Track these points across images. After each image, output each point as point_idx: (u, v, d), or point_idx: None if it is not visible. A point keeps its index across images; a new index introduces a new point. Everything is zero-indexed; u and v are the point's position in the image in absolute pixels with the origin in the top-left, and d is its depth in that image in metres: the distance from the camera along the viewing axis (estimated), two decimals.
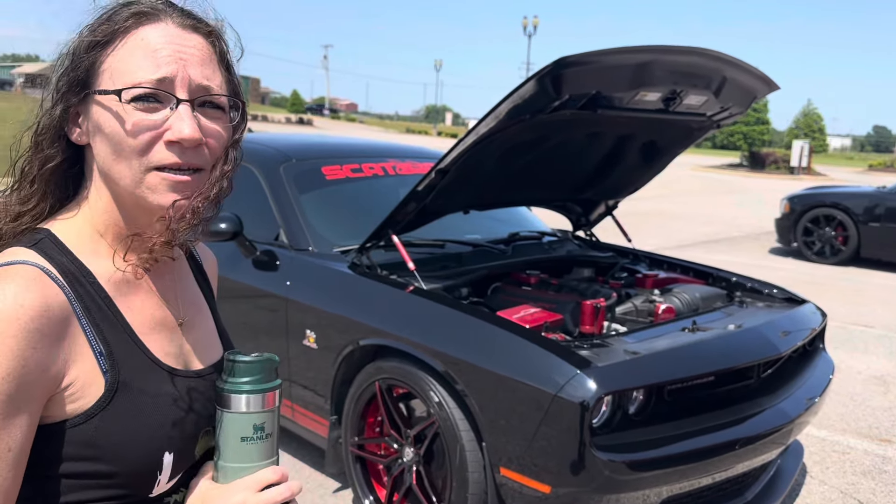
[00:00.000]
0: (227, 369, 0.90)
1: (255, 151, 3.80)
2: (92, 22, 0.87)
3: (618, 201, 4.06)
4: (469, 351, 2.50)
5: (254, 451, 0.89)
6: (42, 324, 0.77)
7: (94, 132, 0.87)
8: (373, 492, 2.93)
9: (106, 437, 0.82)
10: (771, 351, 2.77)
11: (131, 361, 0.86)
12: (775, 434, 2.68)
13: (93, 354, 0.82)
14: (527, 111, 2.57)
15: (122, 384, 0.84)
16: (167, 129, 0.84)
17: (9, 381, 0.74)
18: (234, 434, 0.89)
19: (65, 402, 0.80)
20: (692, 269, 3.85)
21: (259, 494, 0.87)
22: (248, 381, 0.89)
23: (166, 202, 0.86)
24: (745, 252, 10.56)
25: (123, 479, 0.84)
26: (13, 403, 0.75)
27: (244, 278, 3.37)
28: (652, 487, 2.39)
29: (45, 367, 0.77)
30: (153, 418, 0.86)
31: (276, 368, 0.92)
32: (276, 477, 0.89)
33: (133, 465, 0.84)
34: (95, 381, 0.82)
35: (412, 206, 2.92)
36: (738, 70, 2.97)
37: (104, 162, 0.87)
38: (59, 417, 0.81)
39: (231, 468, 0.89)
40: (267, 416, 0.90)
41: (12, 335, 0.75)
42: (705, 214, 15.25)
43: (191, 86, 0.86)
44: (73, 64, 0.86)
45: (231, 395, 0.89)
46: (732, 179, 28.66)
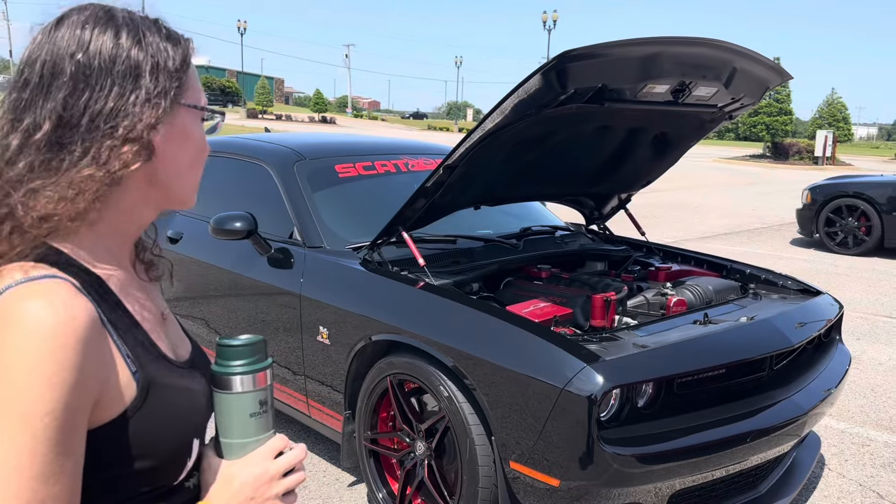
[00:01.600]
0: (223, 354, 0.96)
1: (269, 150, 3.84)
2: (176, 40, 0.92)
3: (631, 194, 4.05)
4: (478, 346, 2.51)
5: (258, 425, 0.96)
6: (91, 333, 0.79)
7: (176, 139, 0.91)
8: (386, 485, 2.96)
9: (144, 435, 0.86)
10: (783, 343, 2.75)
11: (150, 359, 0.89)
12: (788, 426, 2.67)
13: (122, 357, 0.85)
14: (532, 106, 2.58)
15: (151, 382, 0.87)
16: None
17: (73, 394, 0.76)
18: (241, 412, 0.95)
19: (105, 406, 0.82)
20: (706, 262, 3.84)
21: (276, 461, 0.95)
22: (244, 362, 0.95)
23: (195, 201, 0.99)
24: (766, 243, 10.46)
25: (161, 470, 0.89)
26: (78, 415, 0.77)
27: (259, 276, 3.41)
28: (662, 481, 2.39)
29: (95, 376, 0.80)
30: (178, 408, 0.91)
31: (265, 348, 0.99)
32: (284, 444, 0.97)
33: (168, 455, 0.89)
34: (128, 382, 0.85)
35: (421, 203, 2.94)
36: (748, 60, 2.94)
37: (177, 167, 0.92)
38: (99, 422, 0.82)
39: (238, 444, 0.95)
40: (266, 392, 0.97)
41: (71, 347, 0.76)
42: (726, 206, 15.11)
43: None
44: (176, 74, 0.90)
45: (231, 377, 0.95)
46: (755, 170, 28.35)
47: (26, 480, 0.73)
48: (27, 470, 0.73)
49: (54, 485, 0.75)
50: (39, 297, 0.77)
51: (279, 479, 0.95)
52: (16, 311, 0.75)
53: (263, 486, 0.94)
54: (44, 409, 0.74)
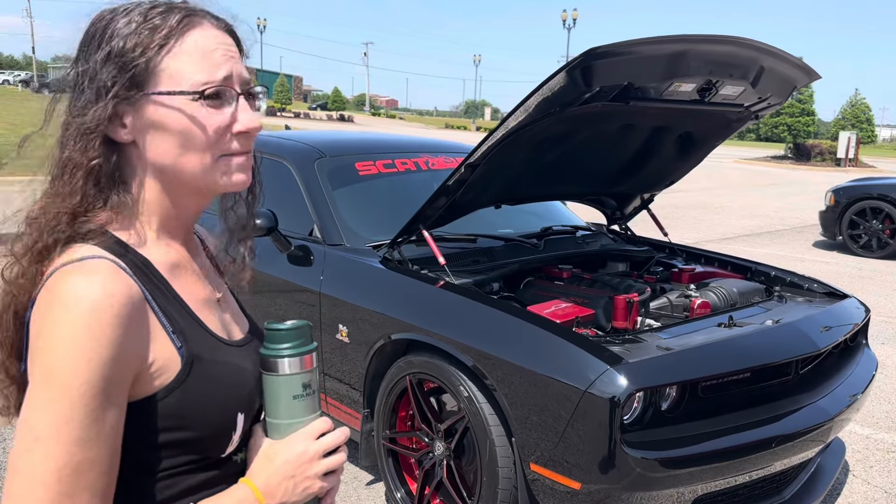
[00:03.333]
0: (271, 337, 0.99)
1: (290, 147, 3.84)
2: (138, 27, 0.92)
3: (653, 195, 4.00)
4: (498, 346, 2.49)
5: (303, 407, 0.98)
6: (130, 310, 0.84)
7: (149, 130, 0.93)
8: (404, 485, 2.94)
9: (188, 407, 0.90)
10: (809, 347, 2.70)
11: (196, 336, 0.94)
12: (814, 432, 2.62)
13: (166, 334, 0.90)
14: (556, 104, 2.55)
15: (196, 357, 0.92)
16: (234, 121, 0.94)
17: (109, 367, 0.81)
18: (286, 394, 0.97)
19: (149, 379, 0.88)
20: (730, 263, 3.78)
21: (317, 441, 0.97)
22: (291, 345, 0.98)
23: (238, 180, 0.97)
24: (789, 245, 10.34)
25: (206, 442, 0.94)
26: (113, 387, 0.82)
27: (279, 273, 3.40)
28: (685, 485, 2.35)
29: (135, 351, 0.85)
30: (224, 384, 0.95)
31: (311, 332, 1.01)
32: (327, 426, 0.99)
33: (213, 427, 0.94)
34: (172, 357, 0.90)
35: (442, 201, 2.91)
36: (777, 59, 2.90)
37: (165, 156, 0.93)
38: (143, 394, 0.88)
39: (285, 424, 0.98)
40: (311, 374, 0.99)
41: (108, 323, 0.81)
42: (748, 207, 14.96)
43: (241, 80, 0.96)
44: (124, 66, 0.90)
45: (278, 359, 0.97)
46: (777, 171, 28.06)
47: (64, 444, 0.79)
48: (64, 434, 0.79)
49: (90, 449, 0.81)
50: (82, 275, 0.83)
51: (319, 459, 0.97)
52: (61, 288, 0.83)
53: (304, 464, 0.96)
54: (80, 379, 0.80)
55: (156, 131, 0.93)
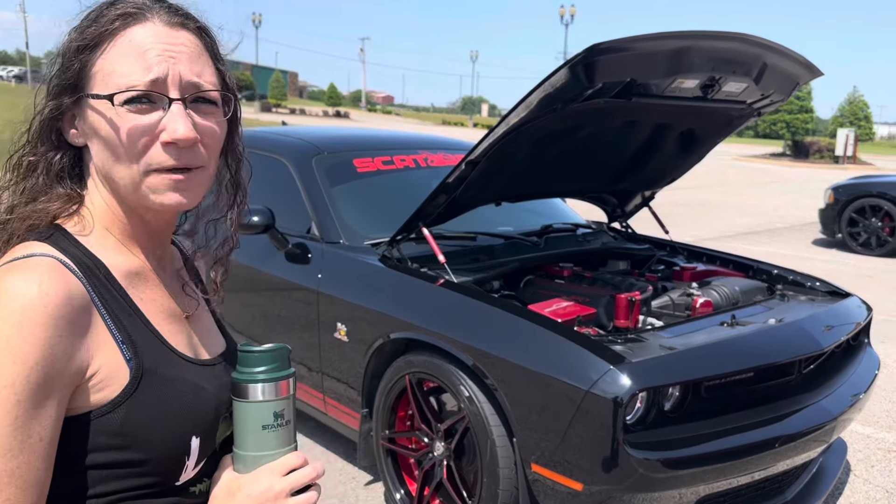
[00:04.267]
0: (243, 360, 0.91)
1: (287, 144, 3.80)
2: (79, 24, 0.87)
3: (654, 192, 3.97)
4: (499, 345, 2.46)
5: (274, 439, 0.90)
6: (67, 312, 0.78)
7: (91, 135, 0.88)
8: (404, 485, 2.91)
9: (135, 425, 0.83)
10: (812, 346, 2.68)
11: (151, 349, 0.88)
12: (817, 432, 2.59)
13: (115, 343, 0.84)
14: (559, 100, 2.51)
15: (147, 371, 0.85)
16: (161, 129, 0.85)
17: (38, 370, 0.75)
18: (255, 423, 0.90)
19: (90, 391, 0.81)
20: (732, 262, 3.76)
21: (284, 478, 0.89)
22: (265, 370, 0.90)
23: (169, 202, 0.87)
24: (788, 243, 10.32)
25: (153, 465, 0.86)
26: (42, 392, 0.76)
27: (276, 271, 3.37)
28: (688, 486, 2.33)
29: (70, 357, 0.78)
30: (178, 403, 0.88)
31: (288, 357, 0.94)
32: (299, 461, 0.91)
33: (162, 450, 0.86)
34: (120, 369, 0.83)
35: (442, 199, 2.88)
36: (780, 56, 2.87)
37: (103, 164, 0.88)
38: (85, 408, 0.81)
39: (252, 457, 0.90)
40: (285, 403, 0.91)
41: (40, 323, 0.76)
42: (747, 205, 14.95)
43: (181, 84, 0.86)
44: (64, 66, 0.86)
45: (248, 384, 0.89)
46: (775, 169, 28.06)
47: None
48: None
49: (10, 460, 0.74)
50: (19, 273, 0.79)
51: (286, 498, 0.89)
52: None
53: (267, 502, 0.88)
54: (3, 381, 0.74)
55: (93, 136, 0.88)
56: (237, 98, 0.95)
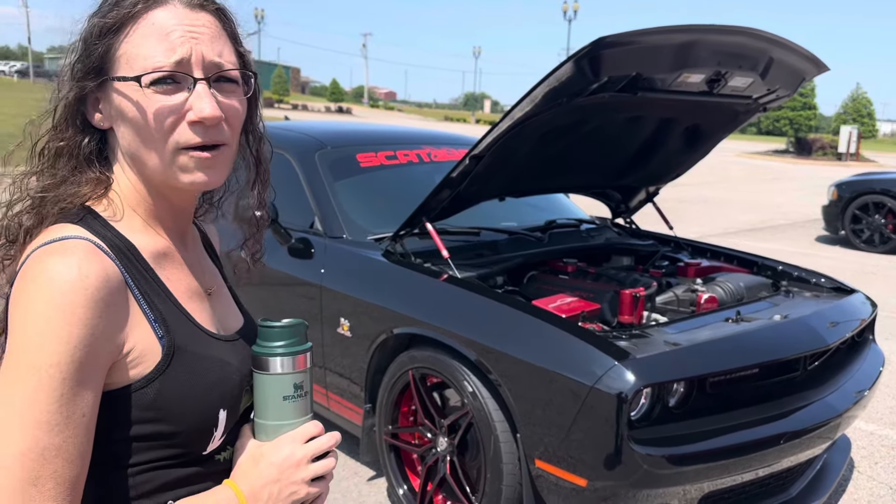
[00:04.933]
0: (263, 335, 0.96)
1: (290, 139, 3.79)
2: (100, 8, 0.89)
3: (659, 188, 3.96)
4: (503, 341, 2.45)
5: (294, 409, 0.95)
6: (106, 293, 0.81)
7: (117, 117, 0.90)
8: (407, 481, 2.91)
9: (167, 399, 0.87)
10: (818, 343, 2.67)
11: (181, 327, 0.91)
12: (822, 429, 2.58)
13: (147, 322, 0.87)
14: (564, 94, 2.50)
15: (178, 348, 0.89)
16: (188, 109, 0.87)
17: (81, 350, 0.78)
18: (276, 394, 0.94)
19: (127, 368, 0.85)
20: (736, 258, 3.74)
21: (305, 445, 0.94)
22: (284, 344, 0.94)
23: (199, 180, 0.90)
24: (791, 240, 10.30)
25: (184, 437, 0.90)
26: (85, 371, 0.79)
27: (279, 266, 3.36)
28: (692, 482, 2.32)
29: (110, 336, 0.82)
30: (207, 378, 0.92)
31: (306, 332, 0.98)
32: (317, 430, 0.96)
33: (193, 423, 0.90)
34: (153, 346, 0.87)
35: (446, 193, 2.87)
36: (786, 50, 2.85)
37: (130, 145, 0.91)
38: (122, 383, 0.85)
39: (273, 426, 0.95)
40: (303, 375, 0.96)
41: (81, 304, 0.78)
42: (750, 202, 14.92)
43: (204, 64, 0.89)
44: (87, 51, 0.88)
45: (269, 358, 0.94)
46: (778, 166, 28.00)
47: (28, 427, 0.76)
48: (29, 417, 0.76)
49: (56, 435, 0.77)
50: (58, 255, 0.81)
51: (307, 464, 0.94)
52: (37, 268, 0.80)
53: (290, 468, 0.92)
54: (49, 361, 0.77)
55: (120, 119, 0.89)
56: (257, 77, 0.97)
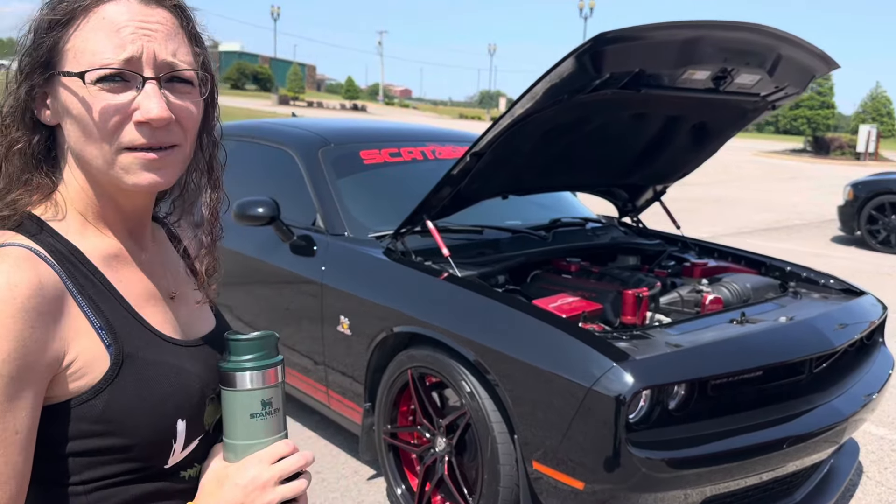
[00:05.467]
0: (230, 349, 0.92)
1: (294, 135, 3.77)
2: (52, 2, 0.85)
3: (666, 186, 3.91)
4: (501, 340, 2.42)
5: (263, 427, 0.90)
6: (38, 303, 0.77)
7: (63, 114, 0.86)
8: (405, 481, 2.88)
9: (117, 410, 0.82)
10: (824, 345, 2.61)
11: (132, 333, 0.87)
12: (827, 433, 2.53)
13: (93, 330, 0.83)
14: (565, 91, 2.46)
15: (128, 356, 0.84)
16: (135, 108, 0.83)
17: (10, 363, 0.74)
18: (243, 411, 0.90)
19: (69, 380, 0.80)
20: (744, 258, 3.69)
21: (273, 466, 0.89)
22: (252, 357, 0.90)
23: (143, 181, 0.85)
24: (806, 240, 10.18)
25: (139, 450, 0.85)
26: (16, 385, 0.75)
27: (281, 263, 3.35)
28: (693, 486, 2.28)
29: (44, 347, 0.77)
30: (162, 387, 0.87)
31: (276, 344, 0.93)
32: (287, 449, 0.91)
33: (147, 435, 0.85)
34: (99, 355, 0.82)
35: (447, 191, 2.84)
36: (794, 47, 2.79)
37: (76, 144, 0.86)
38: (65, 396, 0.81)
39: (241, 445, 0.90)
40: (273, 391, 0.91)
41: (10, 315, 0.74)
42: (765, 201, 14.78)
43: (156, 63, 0.84)
44: (36, 43, 0.84)
45: (236, 373, 0.89)
46: (795, 165, 27.73)
47: None
48: None
49: None
50: None
51: (273, 486, 0.89)
52: None
53: (255, 491, 0.88)
54: None
55: (66, 115, 0.85)
56: (214, 78, 0.93)
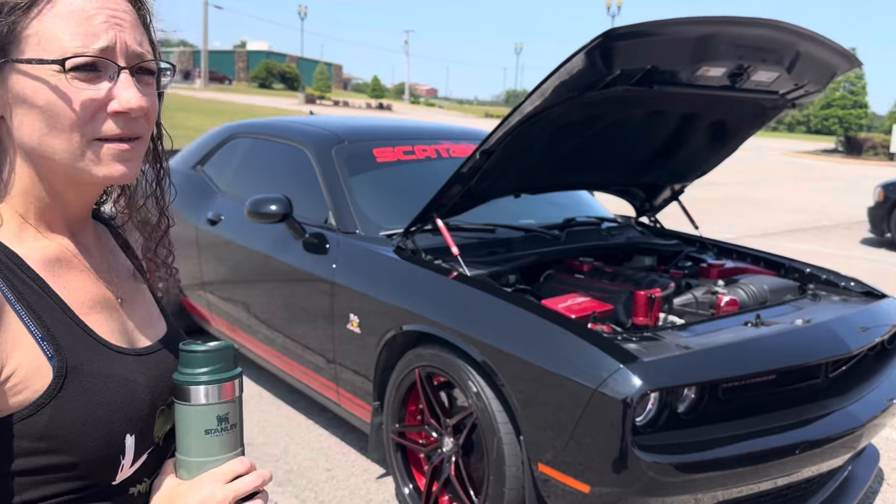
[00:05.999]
0: (185, 361, 0.87)
1: (308, 133, 3.78)
2: None
3: (684, 185, 3.84)
4: (508, 340, 2.39)
5: (219, 444, 0.86)
6: None
7: (15, 104, 0.81)
8: (413, 480, 2.87)
9: (61, 426, 0.78)
10: (841, 349, 2.55)
11: (76, 343, 0.82)
12: (843, 438, 2.47)
13: (34, 341, 0.78)
14: (575, 88, 2.42)
15: (72, 368, 0.80)
16: (110, 98, 0.81)
17: None
18: (197, 427, 0.86)
19: (8, 394, 0.76)
20: (763, 259, 3.62)
21: (228, 486, 0.85)
22: (208, 370, 0.86)
23: (115, 173, 0.83)
24: (835, 242, 9.99)
25: (85, 468, 0.81)
26: None
27: (293, 261, 3.35)
28: (703, 491, 2.23)
29: None
30: (109, 400, 0.82)
31: (234, 357, 0.88)
32: (243, 468, 0.87)
33: (94, 451, 0.81)
34: (41, 368, 0.78)
35: (456, 189, 2.82)
36: (814, 44, 2.72)
37: (30, 136, 0.81)
38: (4, 412, 0.76)
39: (195, 462, 0.86)
40: (229, 406, 0.87)
41: None
42: (794, 202, 14.54)
43: (128, 52, 0.82)
44: None
45: (190, 386, 0.85)
46: (826, 165, 27.28)
47: None
48: None
49: None
50: None
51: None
52: None
53: None
54: None
55: (22, 105, 0.80)
56: (175, 69, 0.91)
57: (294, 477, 3.20)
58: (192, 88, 52.57)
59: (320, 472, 3.24)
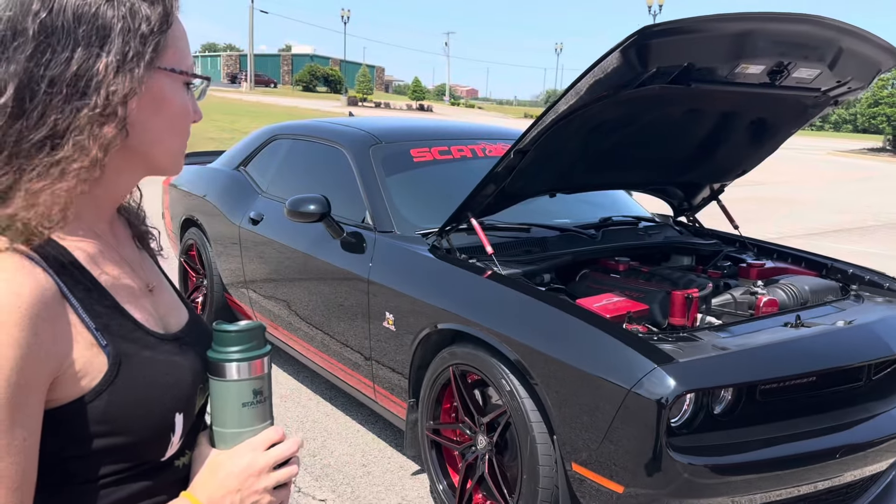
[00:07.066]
0: (219, 340, 0.93)
1: (346, 134, 3.82)
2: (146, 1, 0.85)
3: (724, 184, 3.79)
4: (542, 340, 2.39)
5: (253, 415, 0.93)
6: (40, 309, 0.76)
7: (147, 106, 0.86)
8: (447, 477, 2.88)
9: (119, 410, 0.82)
10: (883, 351, 2.49)
11: (125, 332, 0.86)
12: (887, 442, 2.42)
13: (89, 332, 0.81)
14: (610, 86, 2.41)
15: (125, 356, 0.84)
16: (194, 109, 0.94)
17: (17, 372, 0.73)
18: (235, 401, 0.92)
19: (69, 383, 0.79)
20: (804, 259, 3.55)
21: (267, 453, 0.92)
22: (240, 349, 0.92)
23: (182, 169, 0.96)
24: (880, 242, 9.74)
25: (140, 447, 0.86)
26: (23, 393, 0.74)
27: (331, 259, 3.39)
28: (738, 494, 2.21)
29: (48, 353, 0.77)
30: (159, 382, 0.88)
31: (263, 335, 0.95)
32: (277, 436, 0.94)
33: (149, 431, 0.86)
34: (97, 357, 0.82)
35: (491, 188, 2.83)
36: (857, 39, 2.67)
37: (153, 135, 0.88)
38: (66, 399, 0.80)
39: (231, 433, 0.92)
40: (262, 381, 0.93)
41: (15, 324, 0.73)
42: (839, 201, 14.22)
43: None
44: (151, 31, 0.84)
45: (225, 363, 0.91)
46: (873, 164, 26.59)
47: None
48: None
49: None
50: None
51: (268, 472, 0.91)
52: None
53: (250, 478, 0.90)
54: None
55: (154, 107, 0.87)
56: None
57: (331, 472, 3.24)
58: (239, 91, 53.47)
59: (356, 468, 3.28)
